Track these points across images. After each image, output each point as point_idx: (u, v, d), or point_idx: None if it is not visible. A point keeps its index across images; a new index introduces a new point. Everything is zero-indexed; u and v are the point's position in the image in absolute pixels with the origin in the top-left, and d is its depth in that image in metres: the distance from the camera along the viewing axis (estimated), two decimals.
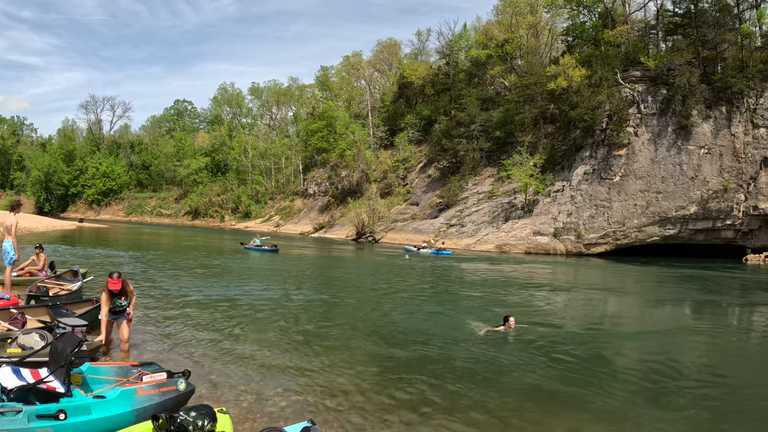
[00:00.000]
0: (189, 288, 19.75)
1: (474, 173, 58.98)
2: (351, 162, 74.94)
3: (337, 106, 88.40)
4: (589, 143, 49.65)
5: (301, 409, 8.07)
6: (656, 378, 10.60)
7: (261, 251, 39.38)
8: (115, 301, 10.30)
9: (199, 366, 9.83)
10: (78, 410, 6.12)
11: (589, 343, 13.36)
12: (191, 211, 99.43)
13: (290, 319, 14.89)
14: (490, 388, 9.45)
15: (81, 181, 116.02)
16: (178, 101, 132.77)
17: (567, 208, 48.21)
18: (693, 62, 47.66)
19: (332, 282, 25.09)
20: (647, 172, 46.13)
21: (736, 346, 14.76)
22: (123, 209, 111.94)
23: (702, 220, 44.62)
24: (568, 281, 28.54)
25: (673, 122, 46.11)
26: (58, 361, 6.57)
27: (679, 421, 8.27)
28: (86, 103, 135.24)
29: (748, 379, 11.12)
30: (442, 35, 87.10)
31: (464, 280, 27.30)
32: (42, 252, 18.12)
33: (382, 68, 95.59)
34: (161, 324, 13.44)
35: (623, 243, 46.25)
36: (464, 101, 64.67)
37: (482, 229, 51.40)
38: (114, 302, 10.30)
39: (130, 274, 22.66)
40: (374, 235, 57.90)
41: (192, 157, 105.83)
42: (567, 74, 52.26)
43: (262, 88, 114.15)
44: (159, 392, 6.88)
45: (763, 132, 43.74)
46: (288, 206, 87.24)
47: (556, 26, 70.98)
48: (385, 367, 10.62)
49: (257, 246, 40.63)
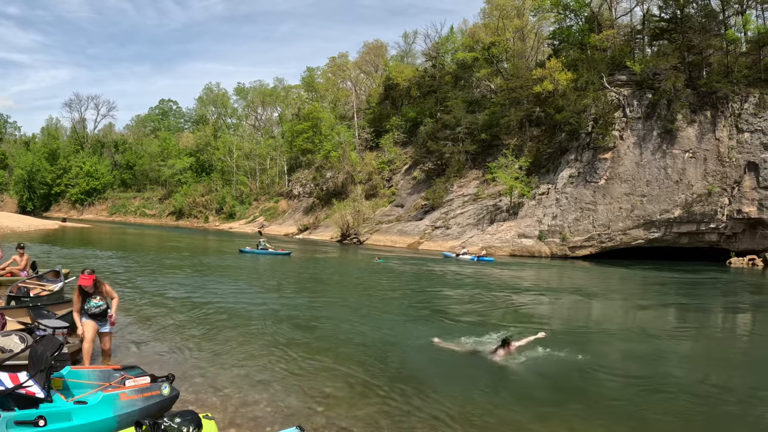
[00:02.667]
0: (171, 289, 19.51)
1: (459, 175, 59.02)
2: (336, 163, 74.81)
3: (323, 107, 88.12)
4: (575, 146, 49.77)
5: (288, 413, 7.91)
6: (638, 383, 10.53)
7: (268, 254, 37.92)
8: (89, 301, 9.61)
9: (182, 370, 9.61)
10: (58, 416, 5.91)
11: (573, 345, 13.27)
12: (175, 211, 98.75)
13: (275, 322, 14.69)
14: (478, 390, 9.35)
15: (64, 180, 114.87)
16: (163, 101, 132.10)
17: (552, 211, 48.31)
18: (678, 67, 47.94)
19: (317, 284, 24.91)
20: (632, 175, 46.31)
21: (718, 351, 14.74)
22: (106, 209, 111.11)
23: (686, 224, 44.85)
24: (553, 284, 28.54)
25: (658, 126, 46.32)
26: (38, 364, 6.32)
27: (666, 422, 8.20)
28: (70, 102, 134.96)
29: (733, 383, 11.09)
30: (429, 37, 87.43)
31: (447, 282, 27.21)
32: (24, 252, 17.82)
33: (368, 70, 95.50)
34: (143, 326, 13.22)
35: (608, 246, 46.40)
36: (450, 103, 64.78)
37: (467, 231, 51.39)
38: (88, 302, 9.60)
39: (113, 274, 22.39)
40: (359, 236, 57.77)
41: (176, 157, 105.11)
42: (553, 78, 52.40)
43: (248, 88, 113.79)
44: (142, 397, 6.70)
45: (748, 136, 44.03)
46: (272, 207, 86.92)
47: (542, 30, 71.16)
48: (373, 371, 10.45)
49: (262, 249, 38.78)
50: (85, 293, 9.61)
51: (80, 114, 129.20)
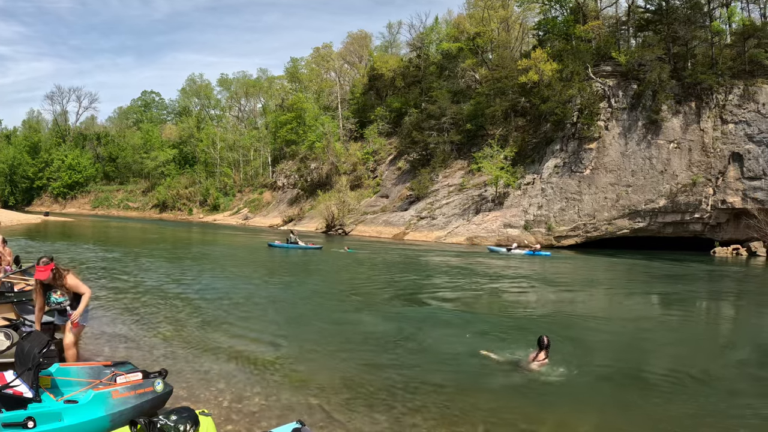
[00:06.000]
0: (157, 282, 19.24)
1: (444, 166, 58.92)
2: (320, 154, 74.50)
3: (307, 98, 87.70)
4: (560, 137, 49.84)
5: (284, 407, 7.73)
6: (622, 370, 10.52)
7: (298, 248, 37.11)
8: (49, 296, 8.29)
9: (175, 364, 9.34)
10: (48, 417, 5.67)
11: (557, 332, 13.20)
12: (159, 203, 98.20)
13: (268, 314, 14.53)
14: (471, 381, 9.22)
15: (46, 173, 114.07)
16: (146, 92, 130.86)
17: (537, 201, 48.38)
18: (663, 58, 48.10)
19: (308, 276, 24.68)
20: (617, 165, 46.45)
21: (701, 339, 14.78)
22: (89, 202, 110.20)
23: (671, 214, 45.11)
24: (539, 274, 28.46)
25: (643, 117, 46.48)
26: (26, 362, 6.04)
27: (655, 411, 8.12)
28: (52, 94, 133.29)
29: (715, 370, 11.06)
30: (414, 28, 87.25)
31: (432, 270, 27.08)
32: (6, 246, 17.44)
33: (352, 60, 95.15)
34: (131, 320, 12.94)
35: (594, 235, 46.56)
36: (435, 94, 64.70)
37: (453, 221, 51.35)
38: (49, 297, 8.29)
39: (100, 268, 22.09)
40: (344, 227, 57.59)
41: (159, 149, 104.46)
42: (538, 68, 52.30)
43: (231, 79, 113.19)
44: (135, 394, 6.47)
45: (732, 127, 44.28)
46: (257, 199, 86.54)
47: (527, 20, 71.23)
48: (367, 364, 10.27)
49: (293, 243, 37.86)
50: (46, 287, 8.16)
51: (62, 106, 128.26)
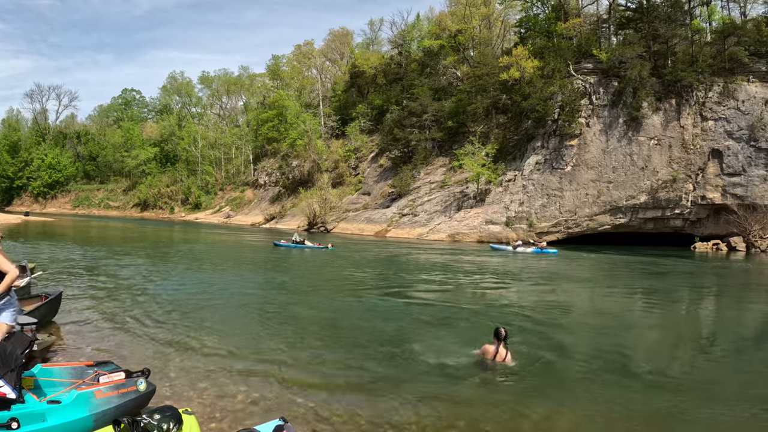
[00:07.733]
0: (137, 280, 19.15)
1: (426, 163, 59.03)
2: (302, 152, 74.36)
3: (288, 96, 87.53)
4: (541, 133, 50.12)
5: (267, 405, 7.77)
6: (603, 365, 10.61)
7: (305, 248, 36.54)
8: None
9: (158, 363, 9.35)
10: (32, 417, 5.69)
11: (540, 331, 13.31)
12: (140, 203, 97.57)
13: (249, 311, 14.53)
14: (459, 377, 9.29)
15: (26, 173, 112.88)
16: (126, 90, 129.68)
17: (519, 197, 48.62)
18: (644, 56, 48.55)
19: (291, 273, 24.66)
20: (598, 162, 46.80)
21: (681, 333, 14.98)
22: (70, 202, 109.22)
23: (652, 209, 45.56)
24: (520, 270, 28.61)
25: (624, 114, 46.86)
26: (8, 363, 6.02)
27: (633, 405, 8.22)
28: (31, 92, 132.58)
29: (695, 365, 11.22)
30: (395, 25, 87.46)
31: (414, 266, 27.16)
32: None
33: (333, 57, 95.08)
34: (115, 319, 12.89)
35: (575, 231, 46.91)
36: (416, 91, 64.81)
37: (435, 218, 51.51)
38: None
39: (81, 267, 21.97)
40: (326, 225, 57.53)
41: (140, 148, 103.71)
42: (519, 65, 52.53)
43: (212, 77, 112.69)
44: (118, 394, 6.48)
45: (712, 124, 44.78)
46: (238, 197, 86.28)
47: (509, 18, 71.50)
48: (349, 362, 10.32)
49: (298, 242, 37.37)
50: None
51: (41, 105, 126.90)
